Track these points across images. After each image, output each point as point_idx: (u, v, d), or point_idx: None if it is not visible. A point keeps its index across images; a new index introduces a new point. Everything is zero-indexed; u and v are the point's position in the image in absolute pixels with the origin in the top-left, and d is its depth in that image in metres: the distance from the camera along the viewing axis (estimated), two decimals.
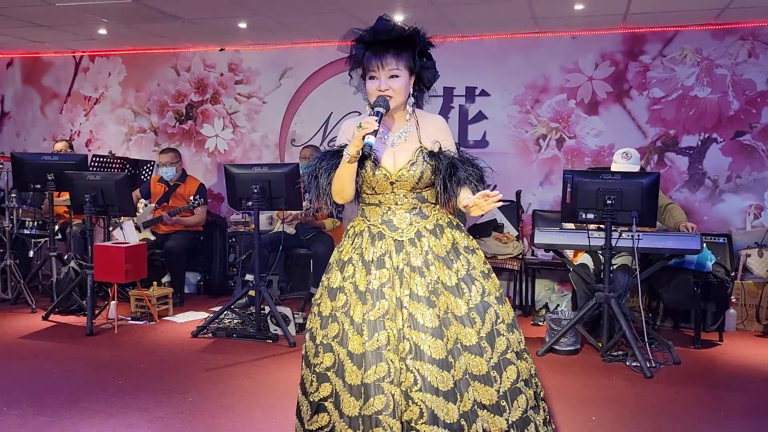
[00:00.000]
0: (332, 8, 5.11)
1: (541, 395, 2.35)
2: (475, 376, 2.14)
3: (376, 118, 2.15)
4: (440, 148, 2.29)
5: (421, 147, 2.28)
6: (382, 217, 2.29)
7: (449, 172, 2.26)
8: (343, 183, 2.25)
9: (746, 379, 3.95)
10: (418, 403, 2.08)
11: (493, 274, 2.34)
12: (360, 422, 2.11)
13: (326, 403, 2.18)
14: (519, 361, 2.25)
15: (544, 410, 2.32)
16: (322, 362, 2.21)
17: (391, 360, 2.12)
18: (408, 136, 2.30)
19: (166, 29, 5.95)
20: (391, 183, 2.26)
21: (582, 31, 5.75)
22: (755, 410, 3.42)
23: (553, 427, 2.44)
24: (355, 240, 2.31)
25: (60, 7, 5.18)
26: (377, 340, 2.14)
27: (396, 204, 2.29)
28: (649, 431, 3.13)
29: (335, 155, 2.28)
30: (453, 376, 2.11)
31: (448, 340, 2.14)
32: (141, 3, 5.05)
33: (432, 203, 2.33)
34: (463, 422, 2.09)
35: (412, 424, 2.08)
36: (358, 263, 2.25)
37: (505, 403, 2.17)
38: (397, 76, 2.22)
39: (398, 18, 5.18)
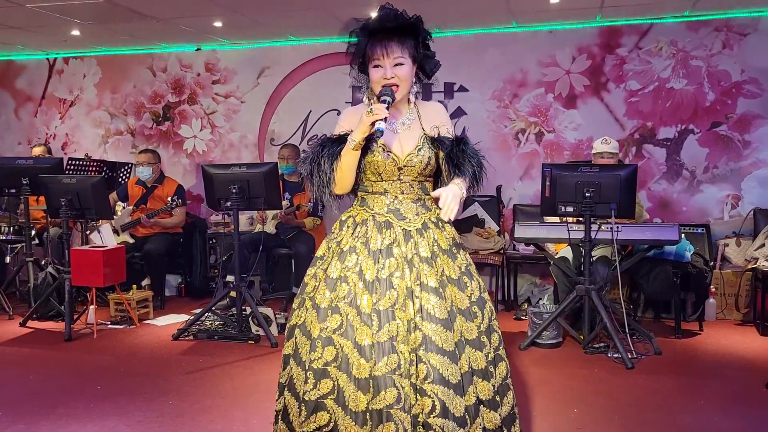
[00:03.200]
0: (308, 6, 5.08)
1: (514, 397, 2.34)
2: (476, 371, 2.14)
3: (385, 105, 2.13)
4: (439, 133, 2.29)
5: (424, 134, 2.30)
6: (388, 206, 2.26)
7: (454, 151, 2.27)
8: (345, 170, 2.21)
9: (726, 367, 3.99)
10: (431, 396, 2.02)
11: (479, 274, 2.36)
12: (368, 417, 2.02)
13: (326, 401, 2.06)
14: (506, 358, 2.28)
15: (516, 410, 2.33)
16: (320, 357, 2.10)
17: (402, 352, 2.06)
18: (411, 124, 2.30)
19: (141, 29, 5.88)
20: (399, 168, 2.24)
21: (558, 25, 5.77)
22: (734, 398, 3.45)
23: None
24: (357, 229, 2.24)
25: (30, 8, 5.10)
26: (389, 331, 2.07)
27: (402, 193, 2.26)
28: (630, 421, 3.15)
29: (336, 142, 2.24)
30: (460, 369, 2.09)
31: (455, 332, 2.12)
32: (113, 3, 4.98)
33: (431, 197, 2.33)
34: (467, 417, 2.06)
35: (420, 419, 2.02)
36: (363, 252, 2.19)
37: (498, 399, 2.18)
38: (401, 64, 2.21)
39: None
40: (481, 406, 2.12)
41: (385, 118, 2.10)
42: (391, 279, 2.14)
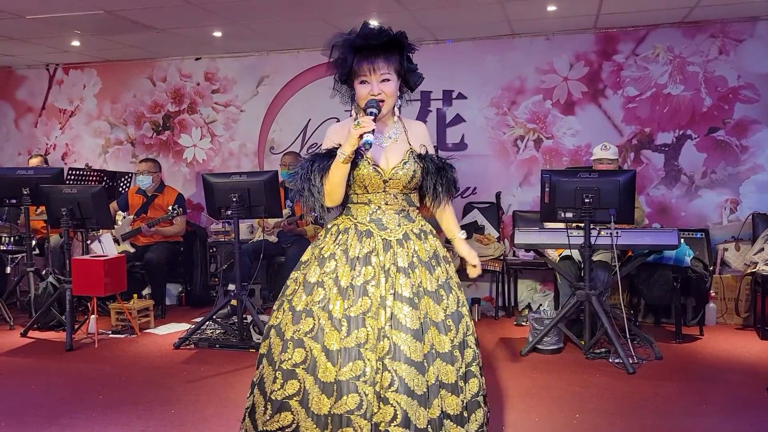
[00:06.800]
0: (307, 15, 5.11)
1: (488, 418, 2.33)
2: (444, 384, 2.14)
3: (372, 118, 2.15)
4: (427, 152, 2.36)
5: (410, 148, 2.33)
6: (370, 215, 2.29)
7: (440, 176, 2.33)
8: (334, 184, 2.23)
9: (727, 371, 4.00)
10: (393, 404, 2.04)
11: (461, 288, 2.36)
12: (329, 421, 2.05)
13: (291, 402, 2.10)
14: (480, 377, 2.27)
15: None
16: (290, 358, 2.13)
17: (369, 359, 2.09)
18: (398, 138, 2.33)
19: (141, 40, 5.91)
20: (384, 181, 2.27)
21: (556, 33, 5.81)
22: (736, 402, 3.46)
23: None
24: (339, 237, 2.28)
25: (31, 19, 5.13)
26: (357, 337, 2.10)
27: (386, 204, 2.29)
28: (632, 427, 3.15)
29: (326, 157, 2.26)
30: (427, 381, 2.10)
31: (425, 344, 2.14)
32: (114, 14, 5.01)
33: (416, 208, 2.37)
34: (430, 430, 2.07)
35: (382, 427, 2.04)
36: (341, 259, 2.22)
37: (466, 414, 2.17)
38: (388, 80, 2.24)
39: (373, 23, 5.17)
40: (448, 420, 2.13)
41: (373, 131, 2.13)
42: (366, 287, 2.17)
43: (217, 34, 5.74)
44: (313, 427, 2.07)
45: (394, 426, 2.03)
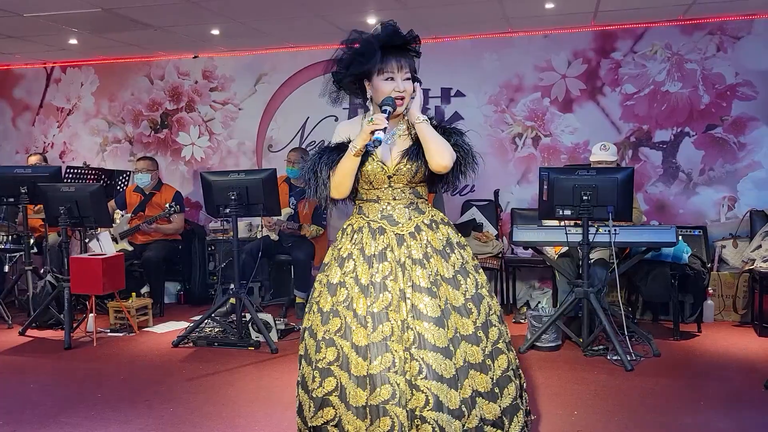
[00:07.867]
0: (305, 13, 5.10)
1: (524, 387, 2.45)
2: (472, 365, 2.24)
3: (386, 115, 2.25)
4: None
5: (414, 144, 2.39)
6: (381, 212, 2.38)
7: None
8: (343, 176, 2.33)
9: (724, 368, 4.01)
10: (424, 391, 2.16)
11: (481, 270, 2.46)
12: (367, 412, 2.18)
13: (331, 397, 2.24)
14: (508, 352, 2.37)
15: (526, 401, 2.46)
16: (324, 357, 2.26)
17: (396, 350, 2.20)
18: (403, 134, 2.42)
19: (138, 38, 5.91)
20: (389, 177, 2.36)
21: (554, 30, 5.81)
22: (732, 398, 3.47)
23: (533, 417, 2.63)
24: (355, 236, 2.38)
25: (29, 17, 5.12)
26: (382, 332, 2.22)
27: (394, 199, 2.38)
28: (630, 423, 3.16)
29: (335, 150, 2.37)
30: (454, 364, 2.21)
31: (448, 329, 2.23)
32: (111, 12, 5.00)
33: (425, 199, 2.45)
34: (464, 408, 2.18)
35: (417, 412, 2.16)
36: (359, 258, 2.33)
37: (498, 390, 2.28)
38: (409, 79, 2.35)
39: (371, 21, 5.18)
40: (479, 398, 2.23)
41: (385, 129, 2.22)
42: (385, 282, 2.28)
43: (215, 32, 5.73)
44: (354, 419, 2.19)
45: (427, 410, 2.16)
